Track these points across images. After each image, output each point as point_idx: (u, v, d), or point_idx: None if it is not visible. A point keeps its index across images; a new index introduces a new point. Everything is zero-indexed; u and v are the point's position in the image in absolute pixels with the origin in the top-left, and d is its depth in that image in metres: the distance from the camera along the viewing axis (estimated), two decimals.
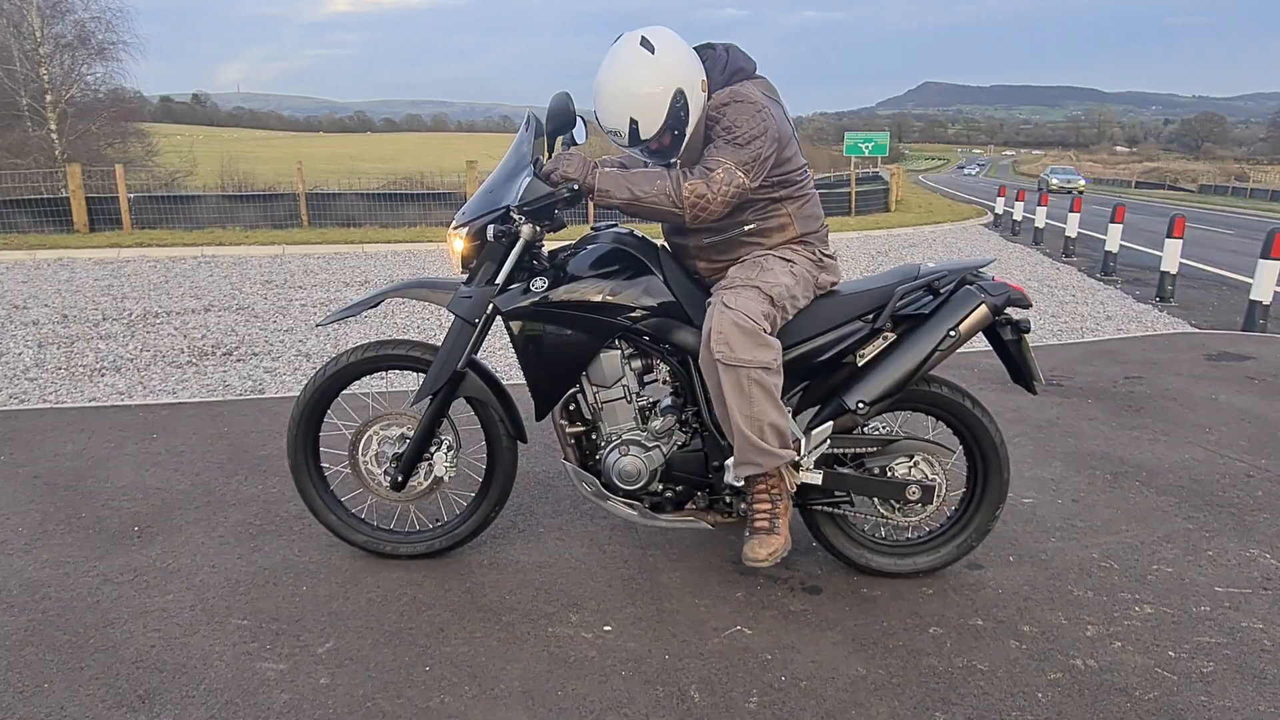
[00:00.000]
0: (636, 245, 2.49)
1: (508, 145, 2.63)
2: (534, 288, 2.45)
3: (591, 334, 2.46)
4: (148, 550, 2.89)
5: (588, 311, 2.44)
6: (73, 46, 30.36)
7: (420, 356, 2.65)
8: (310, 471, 2.78)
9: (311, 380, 2.69)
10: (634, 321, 2.45)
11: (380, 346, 2.66)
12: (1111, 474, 3.67)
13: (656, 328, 2.47)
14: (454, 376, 2.57)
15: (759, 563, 2.44)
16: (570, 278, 2.45)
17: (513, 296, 2.47)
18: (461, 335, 2.53)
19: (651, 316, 2.45)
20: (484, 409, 2.69)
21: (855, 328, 2.48)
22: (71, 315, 7.02)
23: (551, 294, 2.44)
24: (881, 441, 2.60)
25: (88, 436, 3.97)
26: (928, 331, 2.44)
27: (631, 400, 2.55)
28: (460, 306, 2.50)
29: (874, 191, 21.76)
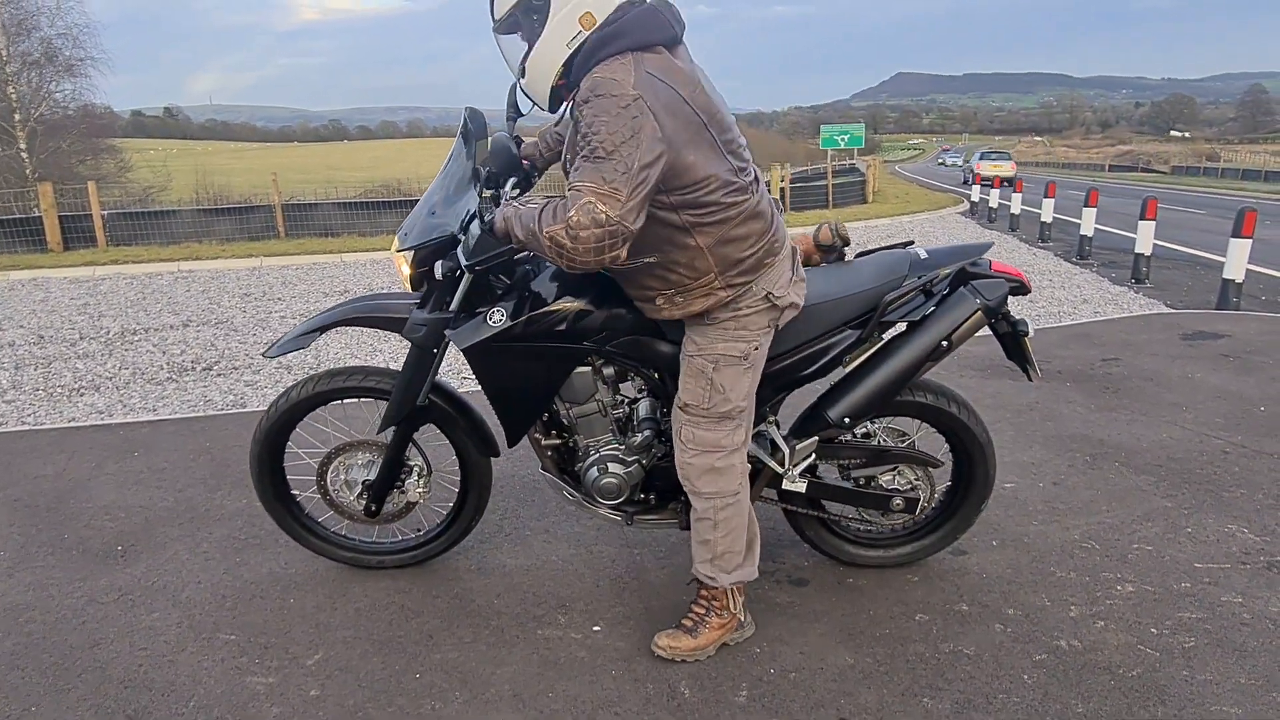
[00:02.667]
0: None
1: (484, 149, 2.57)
2: (491, 321, 2.26)
3: (559, 361, 2.34)
4: (132, 569, 2.88)
5: (553, 340, 2.30)
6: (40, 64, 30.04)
7: (377, 386, 2.56)
8: (281, 502, 2.74)
9: (265, 416, 2.60)
10: (603, 344, 2.33)
11: (333, 378, 2.56)
12: (1091, 456, 3.71)
13: (628, 347, 2.35)
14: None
15: (659, 649, 2.31)
16: (531, 305, 2.26)
17: (469, 330, 2.28)
18: (420, 364, 2.42)
19: (622, 336, 2.33)
20: (451, 430, 2.63)
21: (842, 336, 2.39)
22: (48, 335, 6.96)
23: (510, 328, 2.26)
24: (867, 452, 2.56)
25: (68, 457, 3.94)
26: (918, 340, 2.36)
27: (607, 414, 2.48)
28: (416, 334, 2.37)
29: (851, 184, 21.85)
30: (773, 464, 2.46)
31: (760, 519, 3.04)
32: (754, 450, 2.46)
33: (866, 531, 2.76)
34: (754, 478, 2.52)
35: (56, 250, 12.93)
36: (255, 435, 2.61)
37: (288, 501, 2.75)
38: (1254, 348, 5.56)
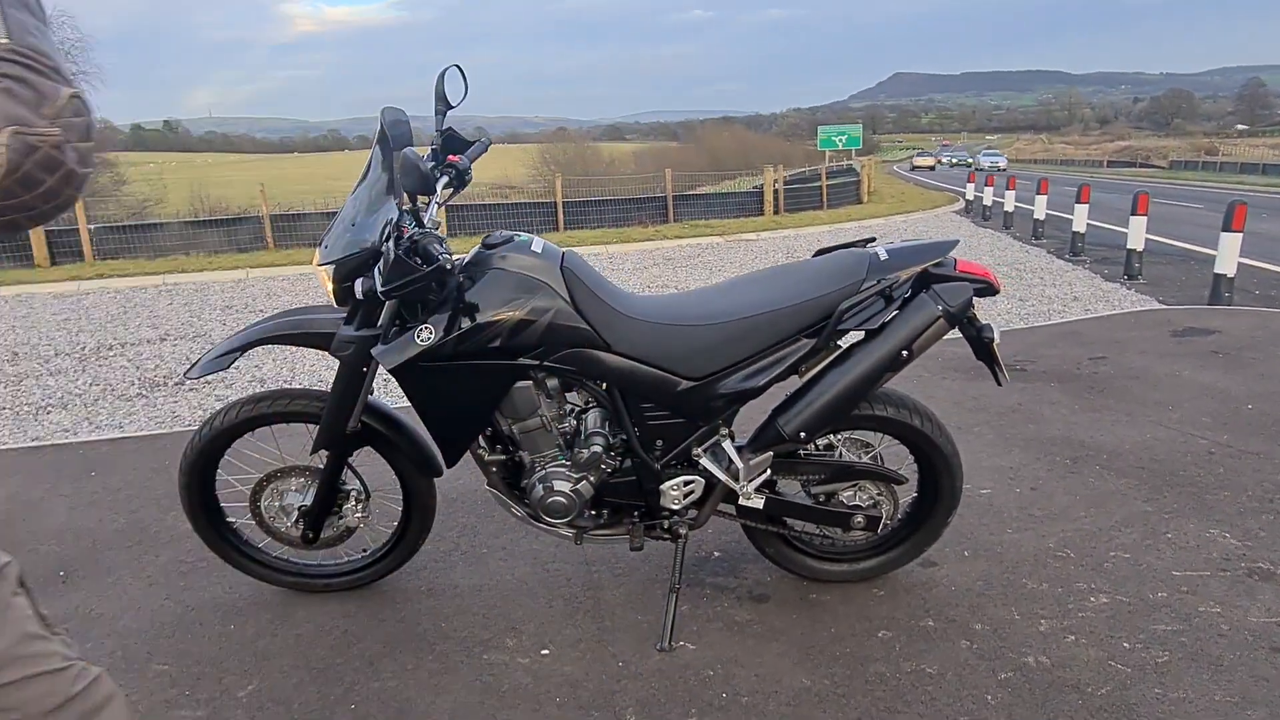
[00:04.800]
0: (536, 265, 2.19)
1: (485, 157, 2.45)
2: (419, 338, 2.13)
3: (496, 379, 2.24)
4: (71, 596, 2.77)
5: (488, 358, 2.20)
6: None
7: (305, 409, 2.44)
8: (217, 531, 2.63)
9: (189, 446, 2.48)
10: (543, 358, 2.21)
11: (257, 403, 2.44)
12: (1071, 459, 3.60)
13: (571, 361, 2.24)
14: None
15: None
16: (461, 321, 2.13)
17: (396, 349, 2.14)
18: (350, 383, 2.31)
19: (563, 350, 2.23)
20: (389, 452, 2.52)
21: (797, 345, 2.26)
22: (23, 352, 6.87)
23: (440, 346, 2.14)
24: (828, 468, 2.45)
25: (22, 479, 3.84)
26: (876, 350, 2.23)
27: (551, 429, 2.36)
28: (343, 351, 2.26)
29: (846, 184, 21.77)
30: (726, 479, 2.36)
31: (720, 531, 2.94)
32: (708, 465, 2.36)
33: (830, 545, 2.65)
34: (708, 493, 2.42)
35: (43, 265, 12.87)
36: (181, 466, 2.51)
37: (224, 530, 2.65)
38: (1244, 344, 5.45)
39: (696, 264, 10.56)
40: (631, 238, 13.33)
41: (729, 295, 2.35)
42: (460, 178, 2.39)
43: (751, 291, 2.33)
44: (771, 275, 2.38)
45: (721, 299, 2.33)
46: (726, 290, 2.38)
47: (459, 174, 2.38)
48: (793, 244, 12.49)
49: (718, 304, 2.31)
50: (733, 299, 2.32)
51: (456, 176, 2.37)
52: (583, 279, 2.25)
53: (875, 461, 2.50)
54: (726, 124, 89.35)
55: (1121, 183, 33.93)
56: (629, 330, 2.26)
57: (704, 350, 2.26)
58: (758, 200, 18.06)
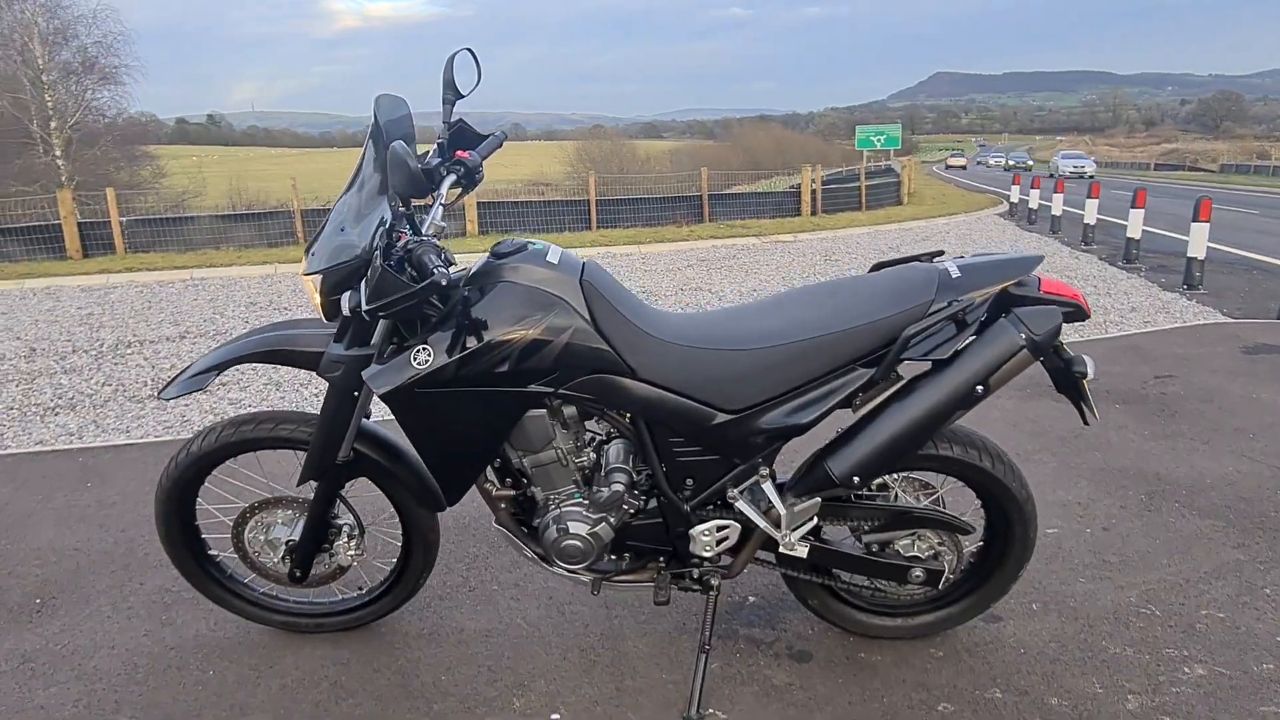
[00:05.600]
0: (551, 278, 1.92)
1: (521, 154, 2.18)
2: (416, 361, 1.88)
3: (504, 408, 1.96)
4: (45, 628, 2.54)
5: (495, 385, 1.93)
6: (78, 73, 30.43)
7: (292, 435, 2.18)
8: (198, 564, 2.38)
9: (165, 473, 2.24)
10: (558, 385, 1.94)
11: (240, 426, 2.18)
12: (1146, 494, 3.25)
13: (590, 389, 1.95)
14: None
15: None
16: (465, 342, 1.87)
17: (389, 372, 1.89)
18: (340, 408, 2.04)
19: (581, 376, 1.94)
20: (386, 484, 2.25)
21: (851, 375, 1.96)
22: (41, 348, 6.73)
23: (440, 370, 1.88)
24: (882, 514, 2.13)
25: (15, 488, 3.64)
26: (945, 384, 1.91)
27: (568, 463, 2.08)
28: (333, 372, 2.00)
29: (885, 185, 21.27)
30: (765, 525, 2.06)
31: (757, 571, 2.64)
32: (745, 508, 2.06)
33: (881, 597, 2.33)
34: (744, 539, 2.13)
35: (75, 258, 12.84)
36: (157, 494, 2.26)
37: (205, 563, 2.39)
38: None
39: (732, 265, 10.23)
40: (666, 237, 13.02)
41: (773, 315, 2.04)
42: (470, 175, 2.11)
43: (799, 312, 2.02)
44: (823, 293, 2.07)
45: (764, 320, 2.03)
46: (770, 309, 2.08)
47: (468, 171, 2.10)
48: (831, 246, 12.11)
49: (760, 325, 2.01)
50: (777, 320, 2.02)
51: (466, 174, 2.10)
52: (605, 294, 1.97)
53: (937, 507, 2.18)
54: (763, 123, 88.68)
55: (1170, 185, 32.96)
56: (657, 354, 1.97)
57: (743, 379, 1.96)
58: (795, 200, 17.66)
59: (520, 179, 54.40)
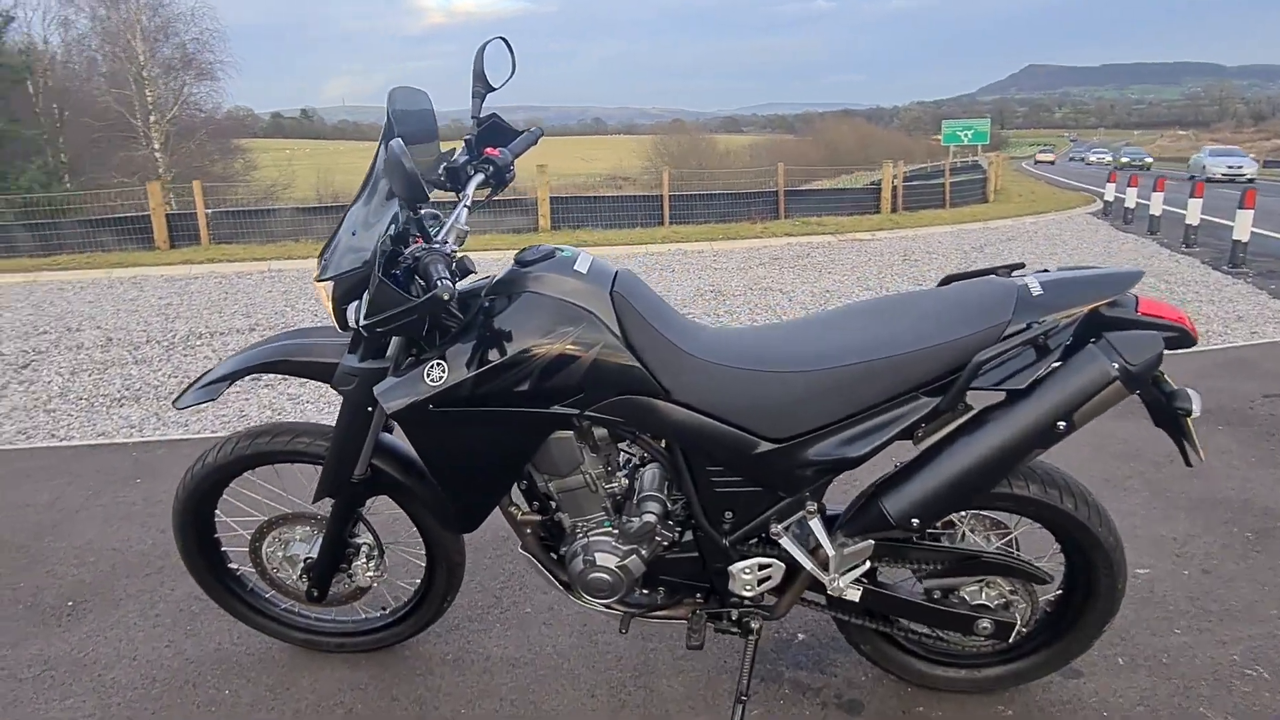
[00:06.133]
0: (578, 289, 1.75)
1: (600, 148, 2.04)
2: (429, 378, 1.73)
3: (526, 430, 1.80)
4: (71, 634, 2.49)
5: (514, 404, 1.76)
6: (177, 69, 31.64)
7: (308, 449, 2.06)
8: (217, 578, 2.29)
9: (181, 485, 2.15)
10: (584, 407, 1.76)
11: (255, 438, 2.08)
12: (1254, 532, 2.91)
13: (619, 411, 1.77)
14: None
15: None
16: (481, 357, 1.72)
17: (401, 388, 1.75)
18: (354, 423, 1.91)
19: (609, 396, 1.76)
20: (408, 503, 2.11)
21: (914, 404, 1.73)
22: (117, 338, 6.88)
23: (454, 387, 1.74)
24: (945, 557, 1.90)
25: (68, 482, 3.65)
26: (1021, 419, 1.66)
27: (597, 489, 1.91)
28: (346, 385, 1.87)
29: (971, 181, 20.56)
30: (811, 567, 1.85)
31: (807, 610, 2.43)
32: (789, 547, 1.86)
33: (944, 646, 2.10)
34: (789, 578, 1.92)
35: (163, 248, 13.24)
36: (174, 506, 2.17)
37: (225, 577, 2.30)
38: None
39: (805, 264, 9.92)
40: (738, 234, 12.75)
41: (825, 334, 1.83)
42: (499, 174, 1.96)
43: (855, 331, 1.81)
44: (883, 310, 1.85)
45: (815, 338, 1.82)
46: (822, 327, 1.87)
47: (498, 170, 1.96)
48: (910, 245, 11.66)
49: (810, 345, 1.80)
50: (830, 339, 1.80)
51: (495, 173, 1.95)
52: (637, 307, 1.78)
53: (1010, 550, 1.94)
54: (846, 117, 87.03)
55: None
56: (694, 374, 1.78)
57: (790, 404, 1.76)
58: (874, 197, 17.15)
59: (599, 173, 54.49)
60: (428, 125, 1.93)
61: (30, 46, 29.21)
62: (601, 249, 11.53)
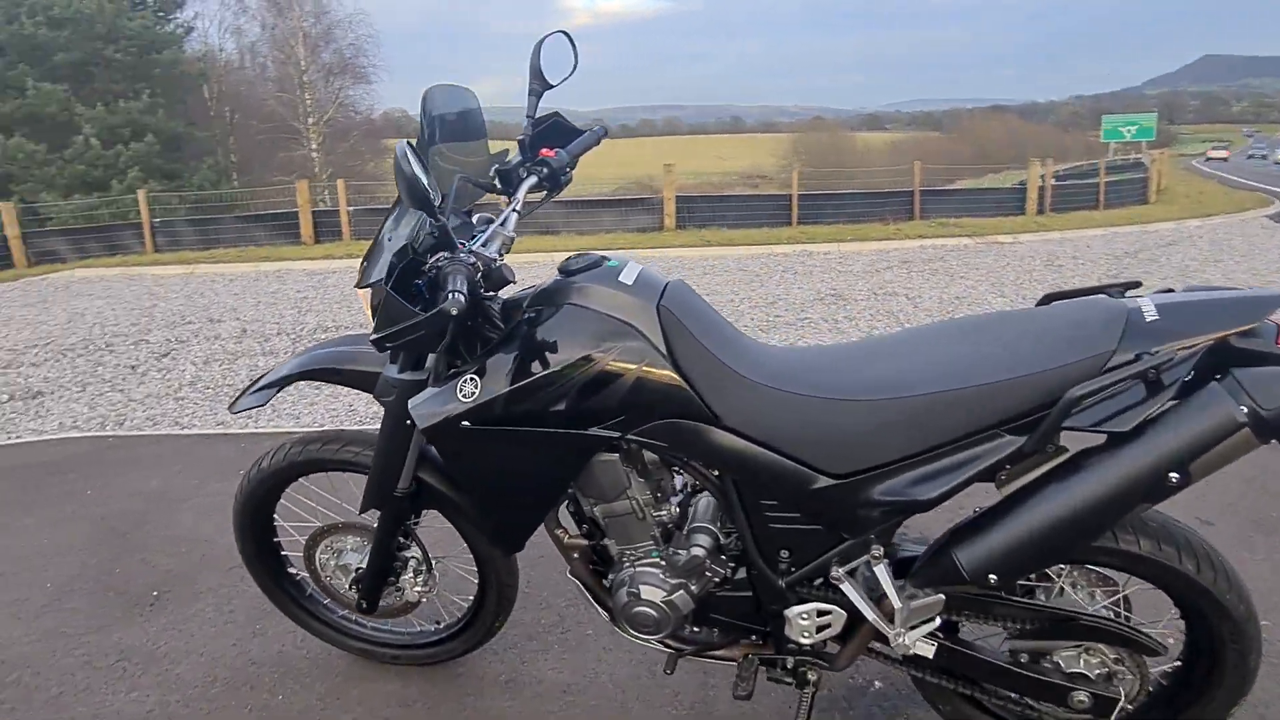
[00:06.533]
0: (622, 302, 1.61)
1: (737, 147, 1.94)
2: (461, 394, 1.64)
3: (562, 454, 1.68)
4: (150, 625, 2.56)
5: (549, 426, 1.64)
6: (335, 73, 33.46)
7: (356, 459, 2.00)
8: (276, 583, 2.29)
9: (240, 488, 2.16)
10: (626, 430, 1.63)
11: (307, 445, 2.05)
12: None
13: (663, 435, 1.64)
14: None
15: None
16: (515, 373, 1.61)
17: (432, 403, 1.67)
18: (395, 436, 1.83)
19: (652, 420, 1.62)
20: (456, 517, 2.03)
21: (995, 444, 1.49)
22: (252, 330, 7.24)
23: (486, 405, 1.63)
24: (1035, 616, 1.65)
25: (179, 470, 3.80)
26: (1125, 467, 1.41)
27: (646, 516, 1.77)
28: (387, 395, 1.80)
29: (1130, 181, 19.12)
30: (875, 618, 1.65)
31: None
32: (851, 594, 1.66)
33: (1035, 714, 1.83)
34: (852, 628, 1.72)
35: (308, 243, 13.96)
36: (234, 508, 2.18)
37: (284, 582, 2.30)
38: None
39: (937, 269, 9.42)
40: (869, 235, 12.28)
41: (897, 358, 1.62)
42: (554, 177, 1.85)
43: (933, 354, 1.59)
44: (967, 331, 1.63)
45: (885, 363, 1.62)
46: (895, 350, 1.66)
47: (553, 173, 1.84)
48: (1055, 249, 10.89)
49: (878, 370, 1.60)
50: (903, 363, 1.60)
51: (549, 176, 1.84)
52: (686, 323, 1.63)
53: (1118, 610, 1.67)
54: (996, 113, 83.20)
55: None
56: (746, 398, 1.61)
57: (852, 437, 1.56)
58: (1020, 198, 16.20)
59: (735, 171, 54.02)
60: (473, 125, 1.85)
61: (207, 54, 31.50)
62: (724, 249, 11.36)
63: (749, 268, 9.81)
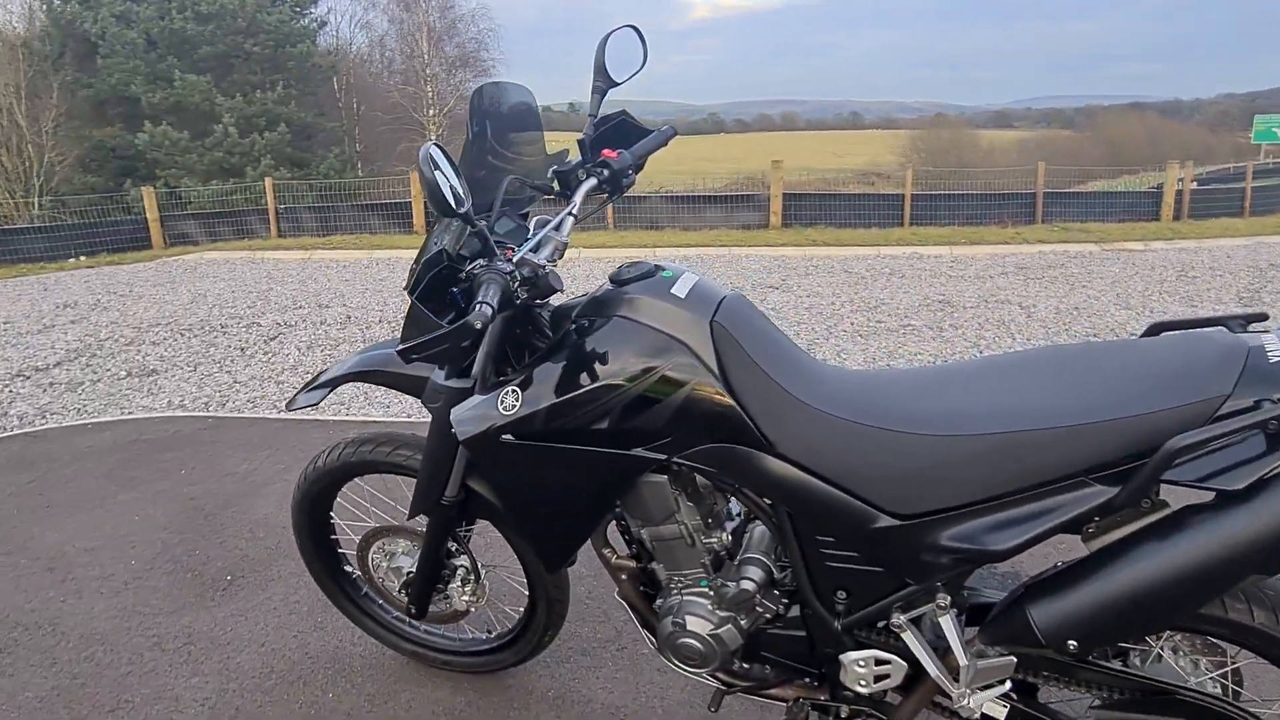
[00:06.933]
0: (674, 316, 1.50)
1: (854, 143, 1.86)
2: (502, 406, 1.57)
3: (606, 474, 1.59)
4: (220, 609, 2.61)
5: (591, 444, 1.55)
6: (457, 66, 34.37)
7: (406, 463, 1.96)
8: (333, 580, 2.29)
9: (297, 486, 2.15)
10: (673, 453, 1.52)
11: (360, 446, 2.02)
12: None
13: (712, 460, 1.52)
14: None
15: None
16: (557, 387, 1.53)
17: (473, 415, 1.60)
18: (443, 443, 1.77)
19: (701, 443, 1.51)
20: (505, 528, 1.97)
21: (1082, 494, 1.32)
22: (355, 317, 7.43)
23: (526, 418, 1.55)
24: (1124, 683, 1.47)
25: (269, 455, 3.90)
26: (1235, 533, 1.21)
27: (695, 543, 1.66)
28: (434, 401, 1.75)
29: None
30: (938, 674, 1.49)
31: None
32: (913, 645, 1.51)
33: None
34: (911, 682, 1.57)
35: (420, 232, 14.32)
36: (292, 506, 2.18)
37: (341, 580, 2.30)
38: None
39: (1056, 276, 8.90)
40: (985, 238, 11.72)
41: (977, 387, 1.47)
42: (615, 180, 1.75)
43: (1018, 387, 1.43)
44: (1059, 363, 1.46)
45: (963, 392, 1.46)
46: (975, 378, 1.50)
47: (614, 175, 1.74)
48: (1190, 259, 10.13)
49: (954, 401, 1.45)
50: (982, 395, 1.44)
51: (610, 179, 1.74)
52: (742, 341, 1.51)
53: (1225, 685, 1.47)
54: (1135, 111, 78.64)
55: None
56: (804, 425, 1.48)
57: (920, 474, 1.42)
58: (1155, 202, 15.19)
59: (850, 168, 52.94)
60: (527, 123, 1.77)
61: (338, 47, 32.83)
62: (830, 250, 11.06)
63: (854, 269, 9.50)
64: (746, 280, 8.70)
